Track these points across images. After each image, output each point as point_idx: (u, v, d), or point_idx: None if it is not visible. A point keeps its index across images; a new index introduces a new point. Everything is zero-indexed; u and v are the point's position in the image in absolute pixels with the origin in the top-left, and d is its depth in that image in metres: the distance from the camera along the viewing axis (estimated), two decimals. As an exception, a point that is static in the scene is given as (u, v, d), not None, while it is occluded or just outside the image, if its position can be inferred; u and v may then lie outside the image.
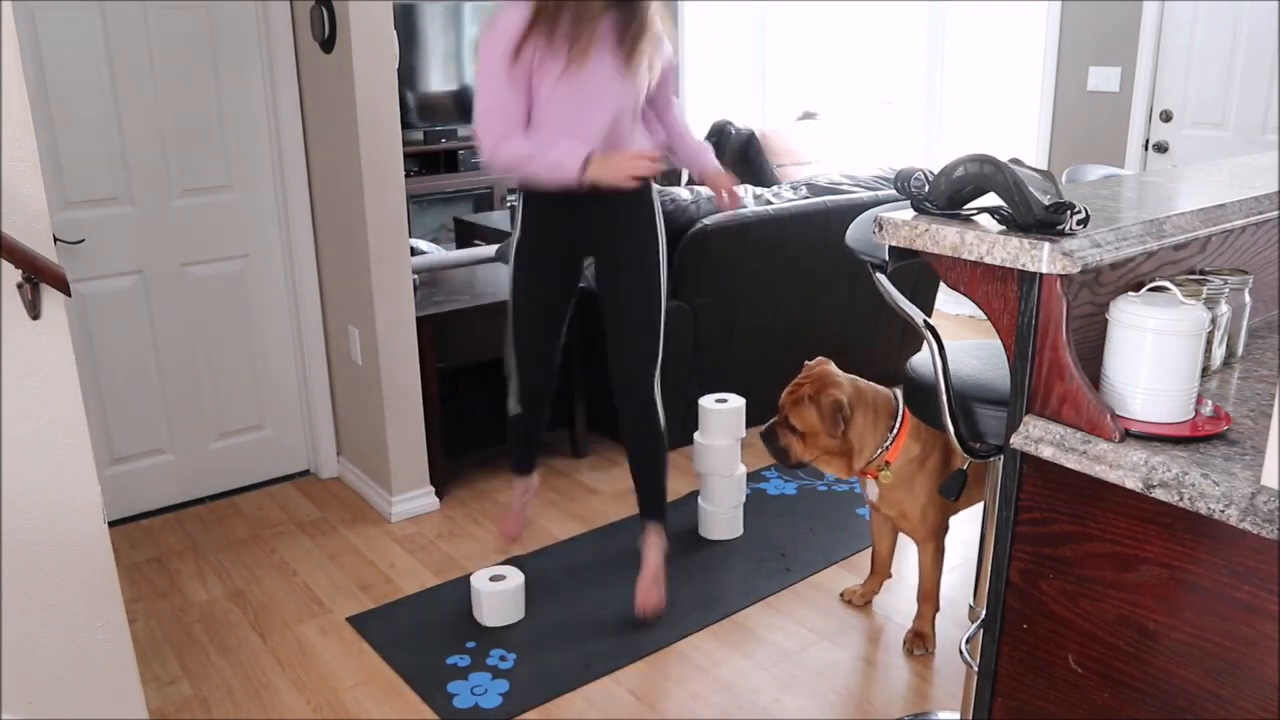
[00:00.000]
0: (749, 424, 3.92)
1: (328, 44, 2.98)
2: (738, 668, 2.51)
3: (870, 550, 2.79)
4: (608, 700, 2.39)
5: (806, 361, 2.52)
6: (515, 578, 2.68)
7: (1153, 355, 1.29)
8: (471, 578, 2.70)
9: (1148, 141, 4.41)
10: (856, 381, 2.43)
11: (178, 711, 2.37)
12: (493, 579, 2.67)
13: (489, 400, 3.77)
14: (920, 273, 1.83)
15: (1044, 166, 4.29)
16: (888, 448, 2.38)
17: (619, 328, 2.58)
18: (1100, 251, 1.34)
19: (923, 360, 1.83)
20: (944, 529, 2.50)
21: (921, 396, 1.84)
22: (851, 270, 3.77)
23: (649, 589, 2.68)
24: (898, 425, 2.38)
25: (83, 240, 2.99)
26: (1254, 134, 4.08)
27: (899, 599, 2.77)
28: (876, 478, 2.42)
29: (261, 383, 3.44)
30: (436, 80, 6.29)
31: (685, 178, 5.27)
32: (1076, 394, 1.34)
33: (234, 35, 3.13)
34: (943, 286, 2.81)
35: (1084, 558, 1.36)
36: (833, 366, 2.47)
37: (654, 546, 2.72)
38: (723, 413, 3.04)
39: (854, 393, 2.39)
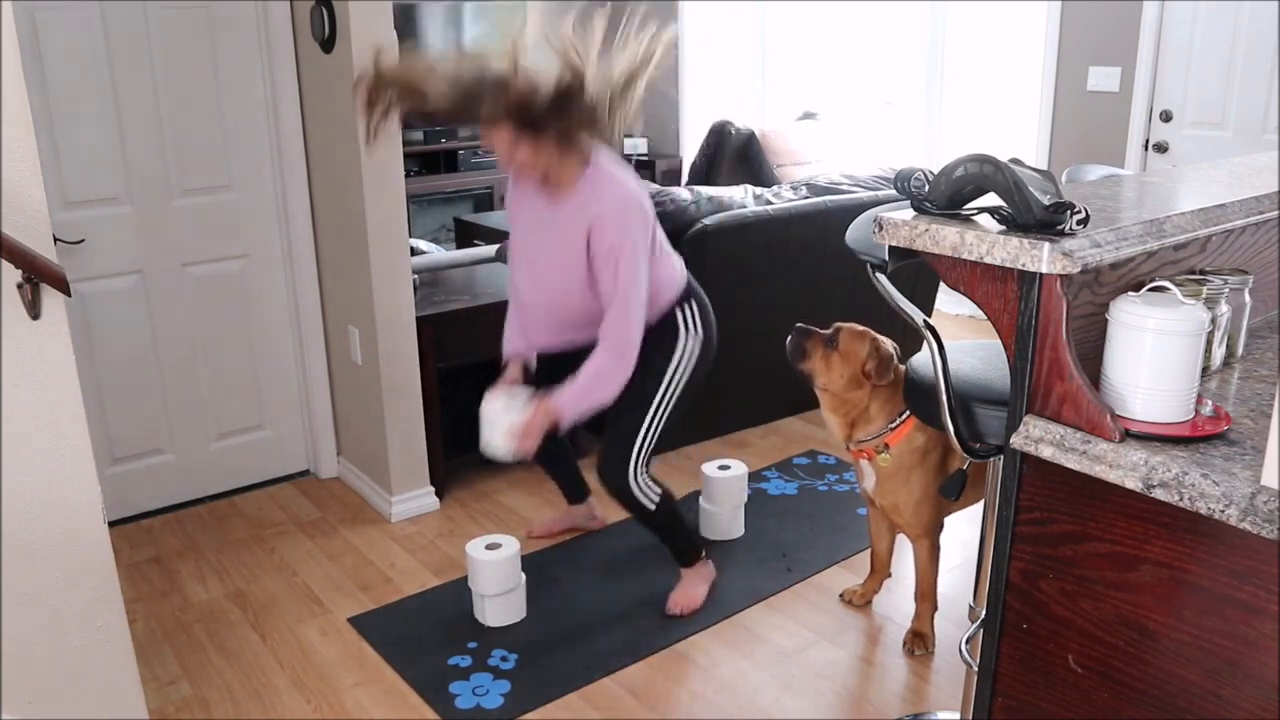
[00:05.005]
0: (748, 422, 3.94)
1: (328, 44, 2.98)
2: (738, 668, 2.51)
3: (870, 550, 2.79)
4: (608, 700, 2.39)
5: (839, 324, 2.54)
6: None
7: (1153, 355, 1.29)
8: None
9: (1148, 141, 4.41)
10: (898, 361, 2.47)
11: (178, 711, 2.37)
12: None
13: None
14: (920, 273, 1.82)
15: (1044, 166, 4.29)
16: (892, 429, 2.39)
17: None
18: (1100, 251, 1.34)
19: (923, 360, 1.83)
20: (939, 527, 2.50)
21: (921, 396, 1.84)
22: (851, 270, 3.76)
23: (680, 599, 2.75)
24: (907, 410, 2.39)
25: (83, 240, 2.99)
26: (1254, 134, 4.08)
27: (899, 599, 2.77)
28: (873, 459, 2.43)
29: (261, 383, 3.44)
30: (436, 80, 6.28)
31: (685, 178, 5.27)
32: (1076, 394, 1.34)
33: (234, 35, 3.13)
34: (943, 286, 2.81)
35: (1084, 558, 1.36)
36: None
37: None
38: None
39: (896, 366, 2.43)
